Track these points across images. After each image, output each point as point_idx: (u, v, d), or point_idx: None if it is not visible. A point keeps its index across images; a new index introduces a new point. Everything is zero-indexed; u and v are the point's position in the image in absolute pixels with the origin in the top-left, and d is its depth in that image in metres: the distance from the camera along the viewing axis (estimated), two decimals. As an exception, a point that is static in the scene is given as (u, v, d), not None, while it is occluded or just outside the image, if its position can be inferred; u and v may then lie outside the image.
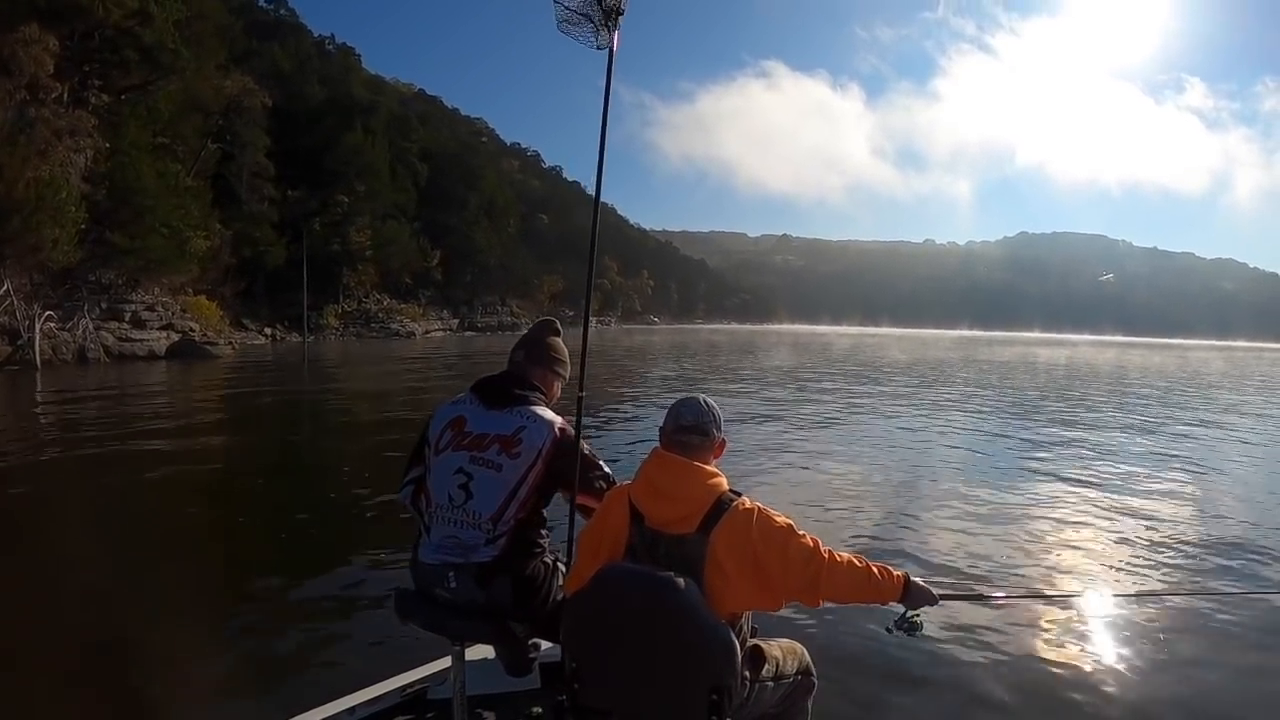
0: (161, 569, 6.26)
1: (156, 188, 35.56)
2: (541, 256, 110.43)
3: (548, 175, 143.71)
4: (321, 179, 61.40)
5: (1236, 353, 71.49)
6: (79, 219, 30.71)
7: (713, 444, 2.39)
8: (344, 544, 6.92)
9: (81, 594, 5.57)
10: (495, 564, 2.59)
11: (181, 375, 26.33)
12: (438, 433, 2.74)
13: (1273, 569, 6.36)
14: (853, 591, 2.28)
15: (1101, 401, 23.18)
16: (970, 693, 4.16)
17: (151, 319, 35.09)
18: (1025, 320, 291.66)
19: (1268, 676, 4.48)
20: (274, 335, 51.14)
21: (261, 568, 6.40)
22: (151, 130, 38.37)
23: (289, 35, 72.36)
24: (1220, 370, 45.86)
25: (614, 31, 2.98)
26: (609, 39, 3.02)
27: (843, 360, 42.28)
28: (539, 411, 2.74)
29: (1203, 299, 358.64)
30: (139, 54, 36.51)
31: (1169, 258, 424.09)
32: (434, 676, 3.36)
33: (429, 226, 77.96)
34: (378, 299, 68.30)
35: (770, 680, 2.37)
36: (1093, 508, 8.52)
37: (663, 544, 2.20)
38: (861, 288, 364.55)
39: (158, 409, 16.86)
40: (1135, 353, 74.55)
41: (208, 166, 47.81)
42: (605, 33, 3.01)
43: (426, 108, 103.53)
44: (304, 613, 5.38)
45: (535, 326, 3.03)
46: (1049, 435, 14.56)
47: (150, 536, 7.23)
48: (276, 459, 11.68)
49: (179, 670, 4.49)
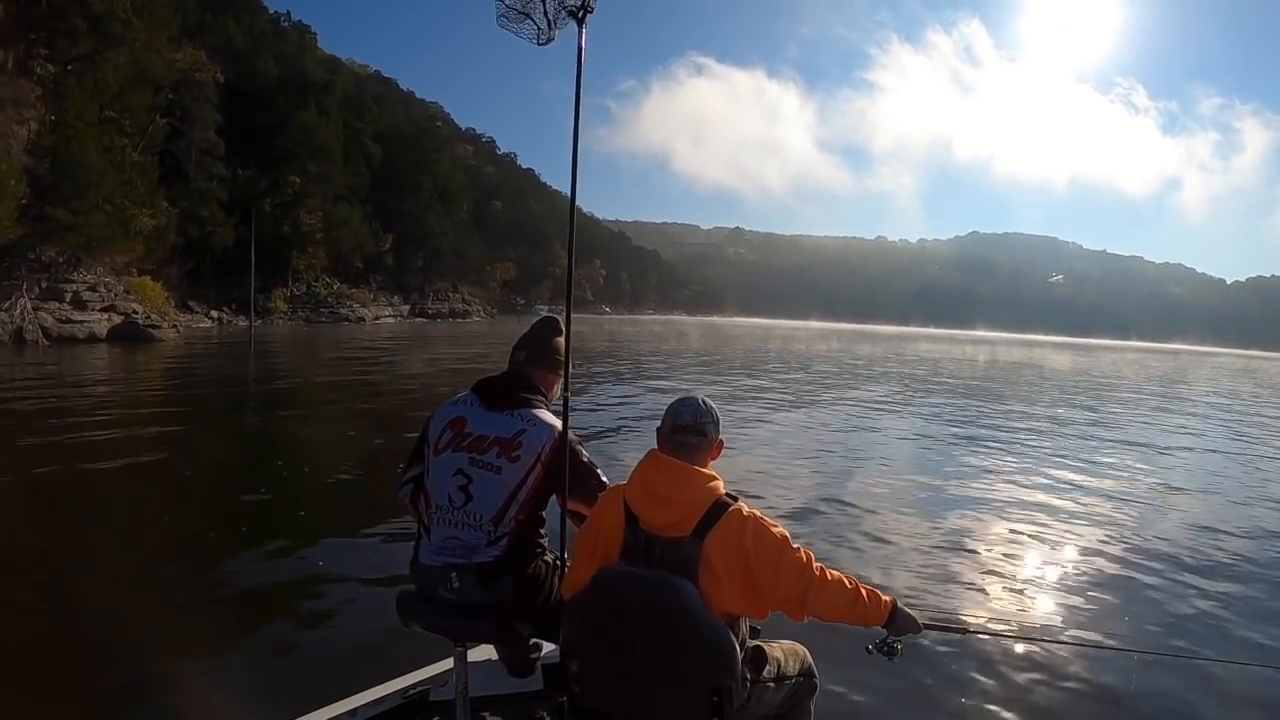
0: (155, 573, 6.23)
1: (101, 162, 34.21)
2: (493, 243, 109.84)
3: (501, 162, 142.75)
4: (272, 159, 60.04)
5: (1148, 357, 73.81)
6: (19, 193, 29.50)
7: (710, 445, 2.38)
8: (343, 545, 7.01)
9: (75, 600, 5.54)
10: (498, 564, 2.60)
11: (124, 360, 25.57)
12: (438, 433, 2.73)
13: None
14: (839, 611, 2.29)
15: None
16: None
17: (93, 300, 33.84)
18: (976, 319, 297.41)
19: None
20: (220, 318, 49.95)
21: (258, 569, 6.38)
22: (98, 103, 36.82)
23: (243, 10, 70.22)
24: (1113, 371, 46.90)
25: (582, 28, 2.88)
26: (576, 34, 2.90)
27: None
28: (539, 414, 2.73)
29: (1151, 302, 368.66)
30: (87, 22, 35.00)
31: (1118, 260, 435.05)
32: (436, 678, 3.37)
33: (381, 210, 76.86)
34: (328, 283, 67.19)
35: (772, 681, 2.40)
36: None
37: (658, 547, 2.20)
38: (814, 283, 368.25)
39: (102, 396, 16.28)
40: (1061, 353, 75.89)
41: (155, 142, 46.22)
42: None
43: (382, 89, 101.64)
44: (304, 614, 5.44)
45: (537, 325, 2.99)
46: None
47: (134, 541, 7.10)
48: (246, 455, 11.28)
49: (179, 673, 4.48)
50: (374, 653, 4.54)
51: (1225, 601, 6.36)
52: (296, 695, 3.88)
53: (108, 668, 4.50)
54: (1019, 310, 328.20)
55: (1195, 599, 6.36)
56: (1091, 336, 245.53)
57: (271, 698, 4.16)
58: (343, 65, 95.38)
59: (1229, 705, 4.58)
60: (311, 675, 4.49)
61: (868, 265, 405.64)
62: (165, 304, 42.35)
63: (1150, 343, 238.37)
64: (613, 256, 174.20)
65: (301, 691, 4.01)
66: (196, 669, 4.54)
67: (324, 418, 15.49)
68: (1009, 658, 4.96)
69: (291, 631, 5.20)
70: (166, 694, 4.31)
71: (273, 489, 9.08)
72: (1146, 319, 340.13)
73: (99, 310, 34.00)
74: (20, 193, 29.57)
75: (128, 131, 40.58)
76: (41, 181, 31.57)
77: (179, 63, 48.50)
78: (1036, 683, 4.69)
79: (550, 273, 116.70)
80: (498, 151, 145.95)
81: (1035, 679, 4.73)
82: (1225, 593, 6.57)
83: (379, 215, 76.34)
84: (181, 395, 18.13)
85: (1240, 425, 21.54)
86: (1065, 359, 67.81)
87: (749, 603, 2.22)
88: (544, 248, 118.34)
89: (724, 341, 60.07)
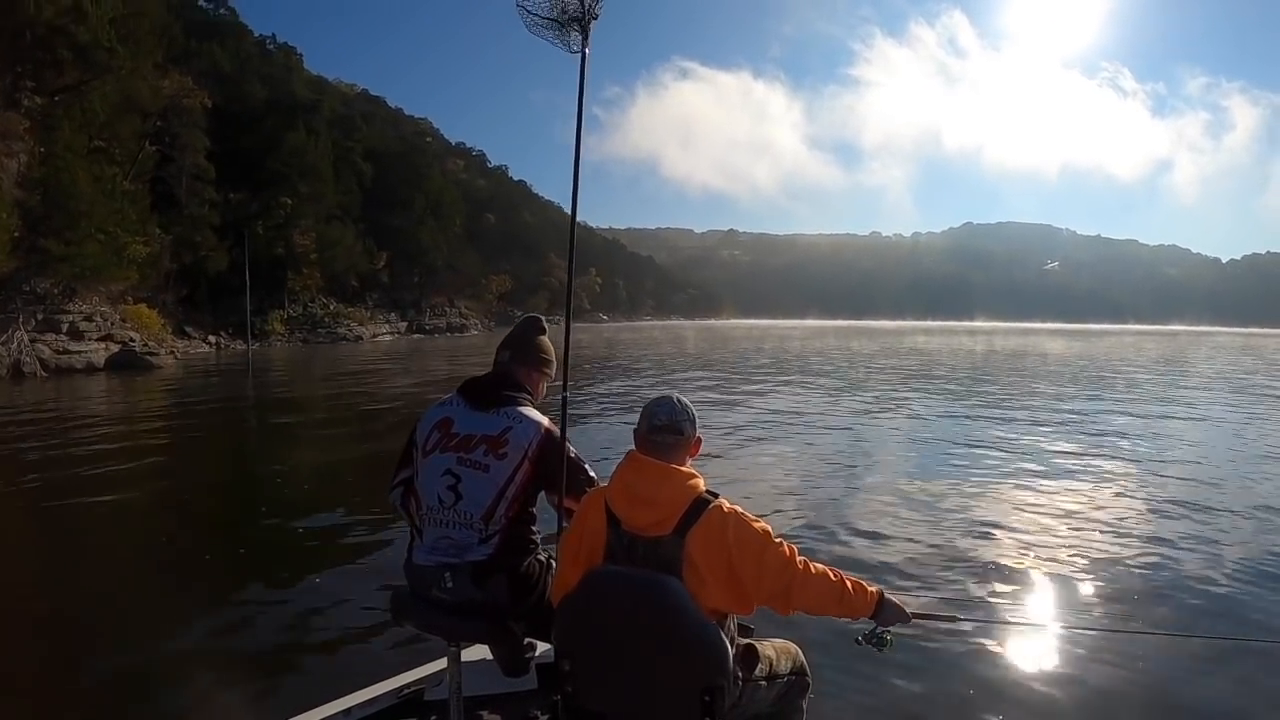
0: (146, 582, 6.32)
1: (93, 192, 34.30)
2: (488, 256, 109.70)
3: (493, 174, 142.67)
4: (263, 181, 59.93)
5: (1149, 338, 73.43)
6: (12, 226, 29.62)
7: (688, 443, 2.38)
8: (334, 548, 7.08)
9: (68, 608, 5.65)
10: (491, 562, 2.60)
11: (122, 389, 25.51)
12: (425, 434, 2.75)
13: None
14: (825, 604, 2.30)
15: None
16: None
17: (90, 329, 33.85)
18: (973, 310, 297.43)
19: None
20: (218, 343, 49.74)
21: (250, 574, 6.46)
22: (87, 133, 37.03)
23: (229, 35, 70.34)
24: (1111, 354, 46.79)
25: (586, 36, 2.96)
26: (580, 43, 3.02)
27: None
28: (525, 412, 2.74)
29: (1147, 285, 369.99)
30: (73, 52, 35.25)
31: (1113, 245, 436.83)
32: (430, 678, 3.38)
33: (374, 228, 76.73)
34: (324, 303, 67.06)
35: (763, 680, 2.40)
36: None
37: (640, 547, 2.19)
38: (810, 281, 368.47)
39: (101, 428, 16.23)
40: (1056, 340, 75.64)
41: (146, 169, 46.28)
42: (577, 36, 3.02)
43: (370, 108, 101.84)
44: (297, 615, 5.45)
45: (520, 325, 3.01)
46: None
47: (126, 555, 7.29)
48: (240, 472, 11.28)
49: (174, 675, 4.52)
50: (367, 653, 4.60)
51: (1234, 584, 6.29)
52: (291, 695, 3.96)
53: (100, 676, 4.55)
54: (1015, 299, 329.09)
55: (1194, 582, 6.28)
56: (1089, 322, 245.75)
57: (266, 698, 4.21)
58: (330, 85, 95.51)
59: (1228, 684, 4.52)
60: (305, 676, 4.52)
61: (862, 261, 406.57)
62: (162, 331, 42.32)
63: (1148, 325, 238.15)
64: (608, 264, 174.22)
65: (296, 692, 4.10)
66: (191, 670, 4.56)
67: (321, 435, 15.53)
68: (1001, 646, 4.92)
69: (286, 632, 5.21)
70: (161, 695, 4.34)
71: (269, 504, 9.13)
72: (1143, 302, 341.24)
73: (96, 340, 33.97)
74: (12, 225, 29.70)
75: (117, 160, 40.69)
76: (33, 213, 31.68)
77: (166, 89, 48.55)
78: (1030, 670, 4.66)
79: (546, 283, 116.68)
80: (489, 165, 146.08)
81: (1028, 666, 4.70)
82: (1232, 575, 6.48)
83: (372, 233, 76.24)
84: (179, 421, 18.10)
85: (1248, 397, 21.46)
86: (1060, 345, 67.60)
87: (733, 599, 2.21)
88: (539, 258, 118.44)
89: (721, 343, 59.97)
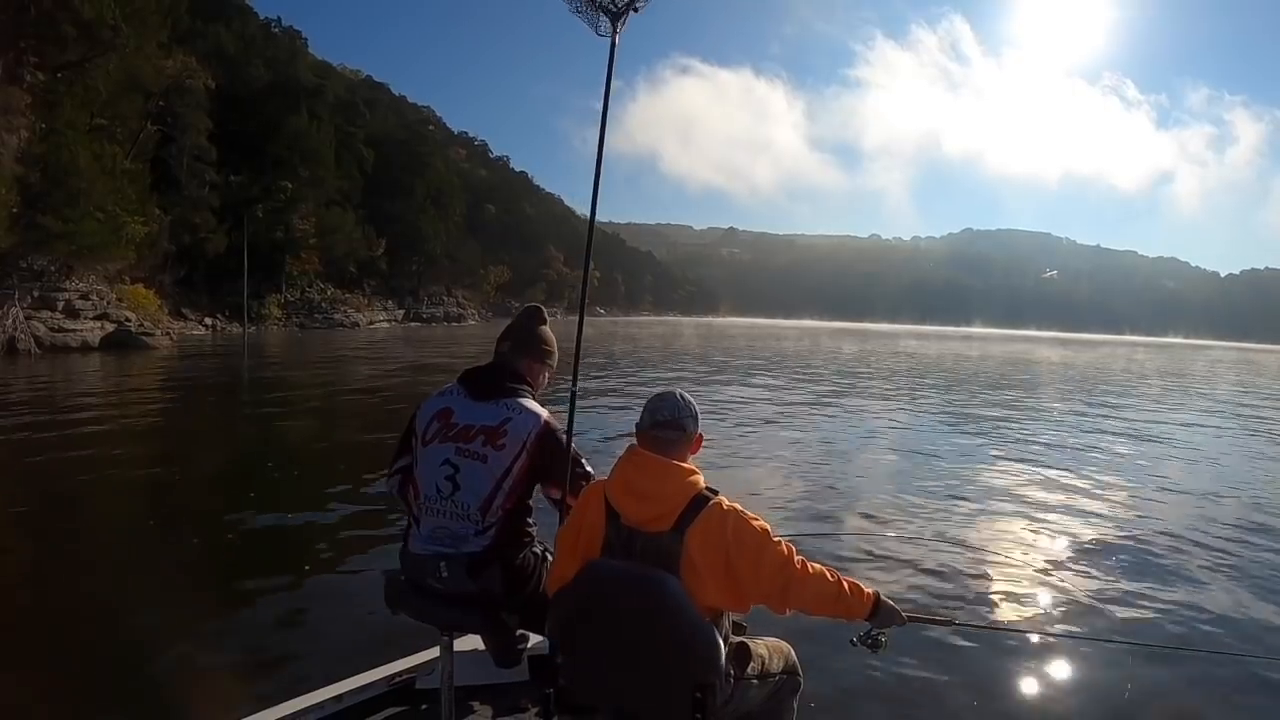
0: (140, 566, 6.32)
1: (93, 170, 34.14)
2: (487, 246, 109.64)
3: (495, 165, 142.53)
4: (264, 164, 59.94)
5: (1139, 351, 73.03)
6: (10, 201, 29.50)
7: (690, 439, 2.38)
8: (326, 534, 7.09)
9: (58, 590, 5.62)
10: (486, 554, 2.60)
11: (116, 369, 25.43)
12: (425, 424, 2.75)
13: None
14: (821, 604, 2.29)
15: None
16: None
17: (86, 308, 33.77)
18: (971, 316, 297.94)
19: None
20: (214, 325, 49.80)
21: (241, 559, 6.48)
22: (89, 110, 36.78)
23: (234, 16, 69.92)
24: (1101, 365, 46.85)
25: (617, 24, 2.97)
26: (610, 30, 3.04)
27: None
28: (525, 403, 2.74)
29: (1145, 296, 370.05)
30: (77, 29, 34.80)
31: (1112, 255, 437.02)
32: (422, 666, 3.39)
33: (374, 214, 76.76)
34: (321, 288, 67.02)
35: (755, 678, 2.39)
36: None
37: (639, 541, 2.19)
38: (808, 282, 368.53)
39: (94, 409, 16.18)
40: (1051, 348, 75.64)
41: (146, 149, 46.01)
42: (607, 22, 3.03)
43: (373, 94, 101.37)
44: (288, 601, 5.48)
45: (521, 315, 2.99)
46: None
47: (118, 537, 7.28)
48: (231, 456, 11.18)
49: (164, 662, 4.51)
50: (359, 640, 4.58)
51: (1224, 595, 6.33)
52: (282, 681, 3.99)
53: (92, 661, 4.53)
54: (1013, 306, 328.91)
55: (1190, 591, 6.34)
56: (1086, 331, 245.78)
57: (256, 683, 4.21)
58: (334, 70, 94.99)
59: (1223, 697, 4.55)
60: (296, 662, 4.52)
61: (861, 263, 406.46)
62: (158, 312, 42.16)
63: (1145, 337, 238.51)
64: (607, 258, 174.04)
65: (286, 677, 4.12)
66: (179, 655, 4.56)
67: (314, 420, 15.55)
68: (995, 650, 4.94)
69: (276, 618, 5.22)
70: (149, 680, 4.34)
71: (261, 490, 9.07)
72: (1141, 313, 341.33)
73: (92, 319, 33.92)
74: (11, 201, 29.58)
75: (119, 138, 40.49)
76: (32, 190, 31.48)
77: (170, 69, 48.26)
78: (1024, 676, 4.68)
79: (544, 275, 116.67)
80: (491, 155, 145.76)
81: (1021, 672, 4.72)
82: (1225, 588, 6.53)
83: (372, 220, 76.17)
84: (172, 403, 18.08)
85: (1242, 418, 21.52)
86: (1054, 353, 67.74)
87: (730, 597, 2.21)
88: (538, 250, 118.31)
89: (718, 341, 59.93)
